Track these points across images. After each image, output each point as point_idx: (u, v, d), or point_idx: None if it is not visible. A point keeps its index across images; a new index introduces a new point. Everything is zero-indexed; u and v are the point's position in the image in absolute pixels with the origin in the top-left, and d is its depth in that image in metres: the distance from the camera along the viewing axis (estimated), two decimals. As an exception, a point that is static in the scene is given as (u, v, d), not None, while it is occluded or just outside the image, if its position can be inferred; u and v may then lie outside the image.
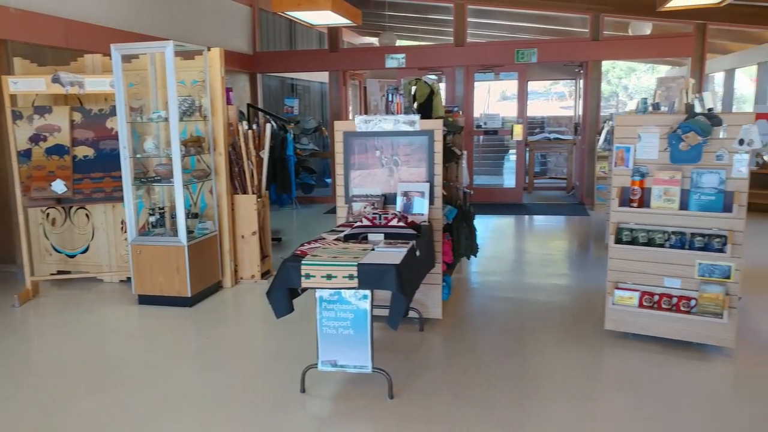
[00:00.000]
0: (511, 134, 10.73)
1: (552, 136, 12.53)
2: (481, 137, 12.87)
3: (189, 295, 5.25)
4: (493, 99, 18.54)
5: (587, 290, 5.63)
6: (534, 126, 14.30)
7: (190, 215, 5.58)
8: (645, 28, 10.80)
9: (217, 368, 4.07)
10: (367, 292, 3.45)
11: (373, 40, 15.23)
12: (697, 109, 4.25)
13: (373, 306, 3.51)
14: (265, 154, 6.12)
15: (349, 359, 3.56)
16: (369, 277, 3.35)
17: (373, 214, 4.02)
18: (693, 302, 4.06)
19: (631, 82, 22.22)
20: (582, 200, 10.40)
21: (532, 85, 20.00)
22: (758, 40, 11.40)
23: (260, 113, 10.19)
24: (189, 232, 5.42)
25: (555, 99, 20.78)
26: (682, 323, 4.10)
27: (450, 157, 5.30)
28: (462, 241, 5.42)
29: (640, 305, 4.19)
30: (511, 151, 13.14)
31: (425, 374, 3.91)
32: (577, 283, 5.94)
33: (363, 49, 13.61)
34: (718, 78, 14.59)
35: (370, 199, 4.56)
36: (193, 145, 5.39)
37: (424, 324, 4.69)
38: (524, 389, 3.68)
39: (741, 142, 3.88)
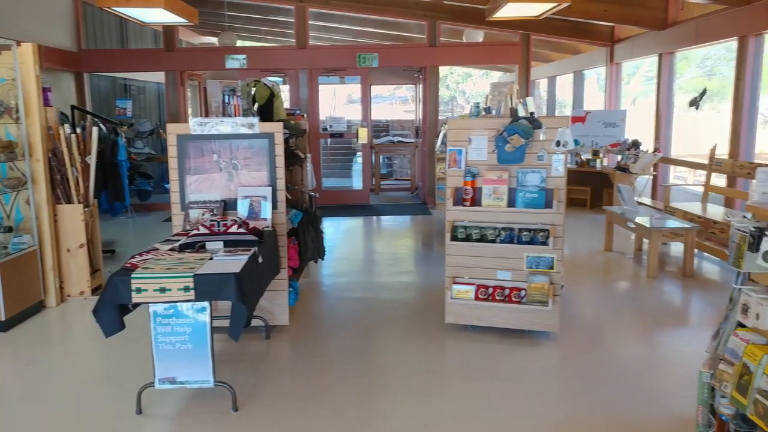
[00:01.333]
0: (357, 137, 10.90)
1: (396, 139, 12.91)
2: (329, 140, 12.95)
3: (3, 318, 4.69)
4: (339, 102, 18.74)
5: (431, 286, 5.85)
6: (380, 129, 14.64)
7: (3, 229, 4.99)
8: (478, 36, 11.49)
9: (39, 397, 3.67)
10: (206, 304, 3.29)
11: (213, 40, 14.73)
12: (521, 113, 4.57)
13: (213, 317, 3.35)
14: (92, 160, 5.64)
15: (189, 375, 3.37)
16: (207, 288, 3.20)
17: (212, 221, 3.85)
18: (523, 293, 4.36)
19: (468, 86, 23.60)
20: (425, 200, 10.83)
21: (377, 89, 20.53)
22: (574, 50, 12.60)
23: (88, 116, 9.41)
24: (2, 248, 4.85)
25: (399, 103, 21.48)
26: (514, 313, 4.40)
27: (293, 160, 5.24)
28: (309, 244, 5.38)
29: (476, 298, 4.42)
30: (358, 153, 13.37)
31: (271, 382, 3.82)
32: (422, 280, 6.16)
33: (201, 49, 13.09)
34: (543, 84, 15.94)
35: (209, 206, 4.37)
36: (3, 150, 4.82)
37: (270, 331, 4.59)
38: (370, 387, 3.74)
39: (558, 143, 4.23)
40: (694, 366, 3.39)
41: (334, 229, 8.87)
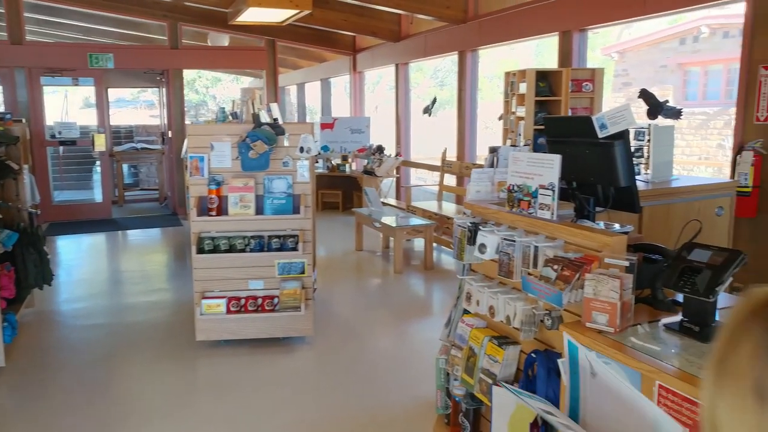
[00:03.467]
0: (93, 145, 9.88)
1: (140, 146, 12.02)
2: (61, 149, 11.53)
3: None
4: (74, 106, 16.86)
5: (182, 302, 5.51)
6: (122, 135, 13.49)
7: None
8: (223, 40, 11.22)
9: None
10: None
11: None
12: (265, 119, 4.52)
13: None
14: None
15: None
16: None
17: None
18: (276, 300, 4.31)
19: (218, 91, 23.01)
20: (175, 210, 10.24)
21: (118, 92, 18.89)
22: (320, 58, 13.01)
23: None
24: None
25: (144, 107, 20.07)
26: (268, 321, 4.33)
27: (4, 172, 4.51)
28: (30, 269, 4.68)
29: (228, 311, 4.26)
30: (98, 163, 12.12)
31: (-17, 439, 3.22)
32: (173, 297, 5.77)
33: None
34: (293, 91, 16.20)
35: None
36: None
37: (-18, 376, 3.88)
38: (117, 416, 3.38)
39: (301, 149, 4.26)
40: (436, 353, 3.66)
41: (72, 248, 7.92)
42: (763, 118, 4.24)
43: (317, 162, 10.16)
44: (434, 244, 6.86)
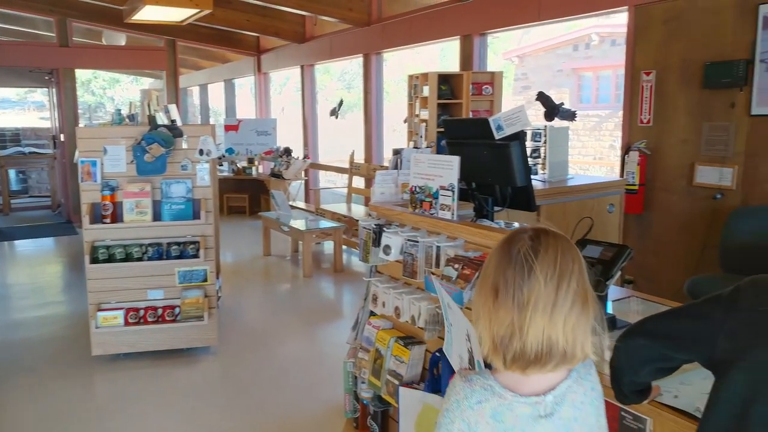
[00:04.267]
0: (-27, 149, 9.12)
1: (27, 150, 11.22)
2: (-65, 153, 10.58)
3: None
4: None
5: (76, 315, 5.18)
6: (7, 139, 12.54)
7: None
8: (120, 39, 10.68)
9: None
10: None
11: None
12: (163, 120, 4.33)
13: None
14: None
15: None
16: None
17: None
18: (177, 310, 4.14)
19: (117, 93, 21.90)
20: (69, 218, 9.64)
21: (3, 93, 17.61)
22: (224, 59, 12.68)
23: None
24: None
25: (33, 109, 18.77)
26: (170, 332, 4.14)
27: None
28: None
29: (126, 323, 4.04)
30: (-21, 168, 11.19)
31: None
32: (67, 310, 5.41)
33: None
34: (195, 92, 15.70)
35: None
36: None
37: None
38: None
39: (201, 152, 4.12)
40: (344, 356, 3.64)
41: (-53, 262, 7.27)
42: (646, 120, 4.52)
43: (222, 165, 9.88)
44: (344, 247, 6.84)
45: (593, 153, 12.54)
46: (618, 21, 4.58)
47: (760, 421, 1.15)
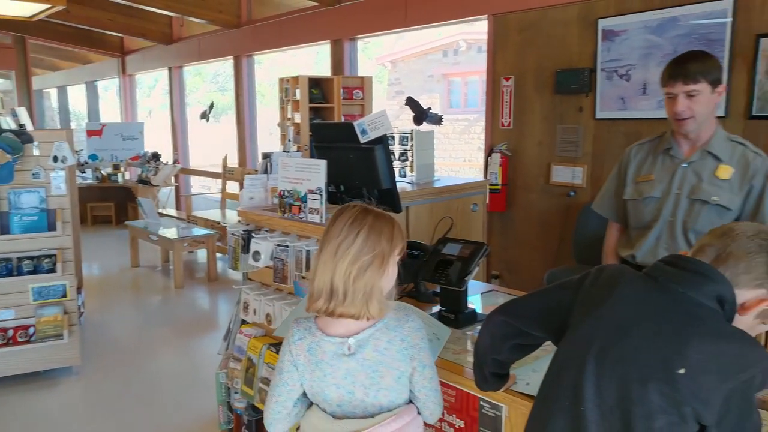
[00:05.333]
0: None
1: None
2: None
3: None
4: None
5: None
6: None
7: None
8: (-42, 35, 9.68)
9: None
10: None
11: None
12: (9, 125, 3.98)
13: None
14: None
15: None
16: None
17: None
18: (32, 330, 3.82)
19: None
20: None
21: None
22: (85, 60, 11.88)
23: None
24: None
25: None
26: (23, 354, 3.81)
27: None
28: None
29: (-29, 348, 3.67)
30: None
31: None
32: None
33: None
34: (53, 94, 14.58)
35: None
36: None
37: None
38: None
39: (55, 159, 3.83)
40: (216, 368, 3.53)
41: None
42: (507, 123, 4.80)
43: (84, 172, 9.25)
44: (219, 255, 6.65)
45: (463, 155, 13.10)
46: (482, 29, 4.83)
47: (568, 384, 1.29)
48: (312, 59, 17.04)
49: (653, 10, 3.85)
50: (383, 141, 2.49)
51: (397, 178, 4.12)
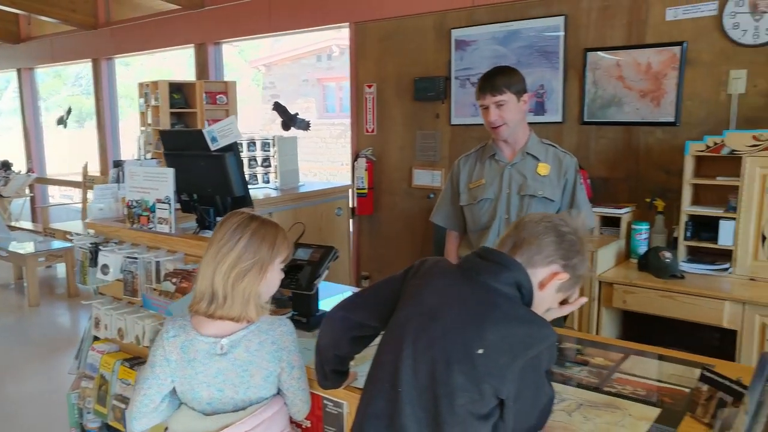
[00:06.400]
0: None
1: None
2: None
3: None
4: None
5: None
6: None
7: None
8: None
9: None
10: None
11: None
12: None
13: None
14: None
15: None
16: None
17: None
18: None
19: None
20: None
21: None
22: None
23: None
24: None
25: None
26: None
27: None
28: None
29: None
30: None
31: None
32: None
33: None
34: None
35: None
36: None
37: None
38: None
39: None
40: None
41: None
42: (371, 129, 4.94)
43: None
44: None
45: (341, 159, 13.23)
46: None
47: (387, 368, 1.41)
48: (185, 61, 16.47)
49: (499, 22, 4.13)
50: (234, 148, 2.50)
51: (261, 185, 4.14)
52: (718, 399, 1.48)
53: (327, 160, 13.27)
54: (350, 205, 5.00)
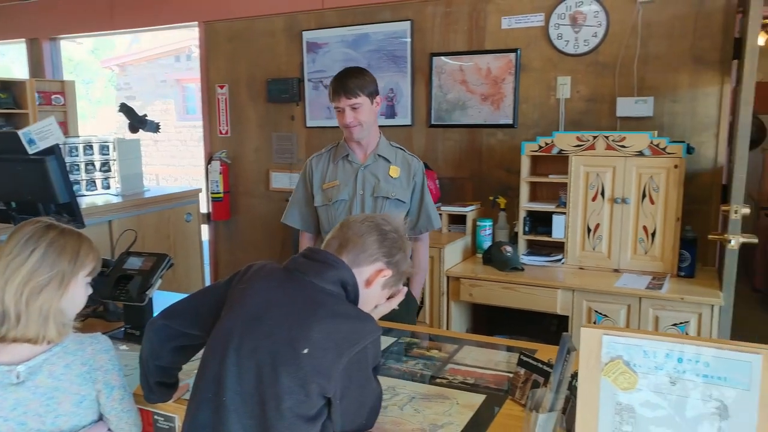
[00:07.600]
0: None
1: None
2: None
3: None
4: None
5: None
6: None
7: None
8: None
9: None
10: None
11: None
12: None
13: None
14: None
15: None
16: None
17: None
18: None
19: None
20: None
21: None
22: None
23: None
24: None
25: None
26: None
27: None
28: None
29: None
30: None
31: None
32: None
33: None
34: None
35: None
36: None
37: None
38: None
39: None
40: None
41: None
42: (225, 131, 4.79)
43: None
44: None
45: (201, 163, 12.78)
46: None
47: (211, 377, 1.36)
48: (22, 58, 15.11)
49: (347, 26, 4.17)
50: (56, 151, 2.31)
51: (100, 191, 3.88)
52: (533, 380, 1.58)
53: (188, 164, 12.75)
54: (205, 210, 4.83)
